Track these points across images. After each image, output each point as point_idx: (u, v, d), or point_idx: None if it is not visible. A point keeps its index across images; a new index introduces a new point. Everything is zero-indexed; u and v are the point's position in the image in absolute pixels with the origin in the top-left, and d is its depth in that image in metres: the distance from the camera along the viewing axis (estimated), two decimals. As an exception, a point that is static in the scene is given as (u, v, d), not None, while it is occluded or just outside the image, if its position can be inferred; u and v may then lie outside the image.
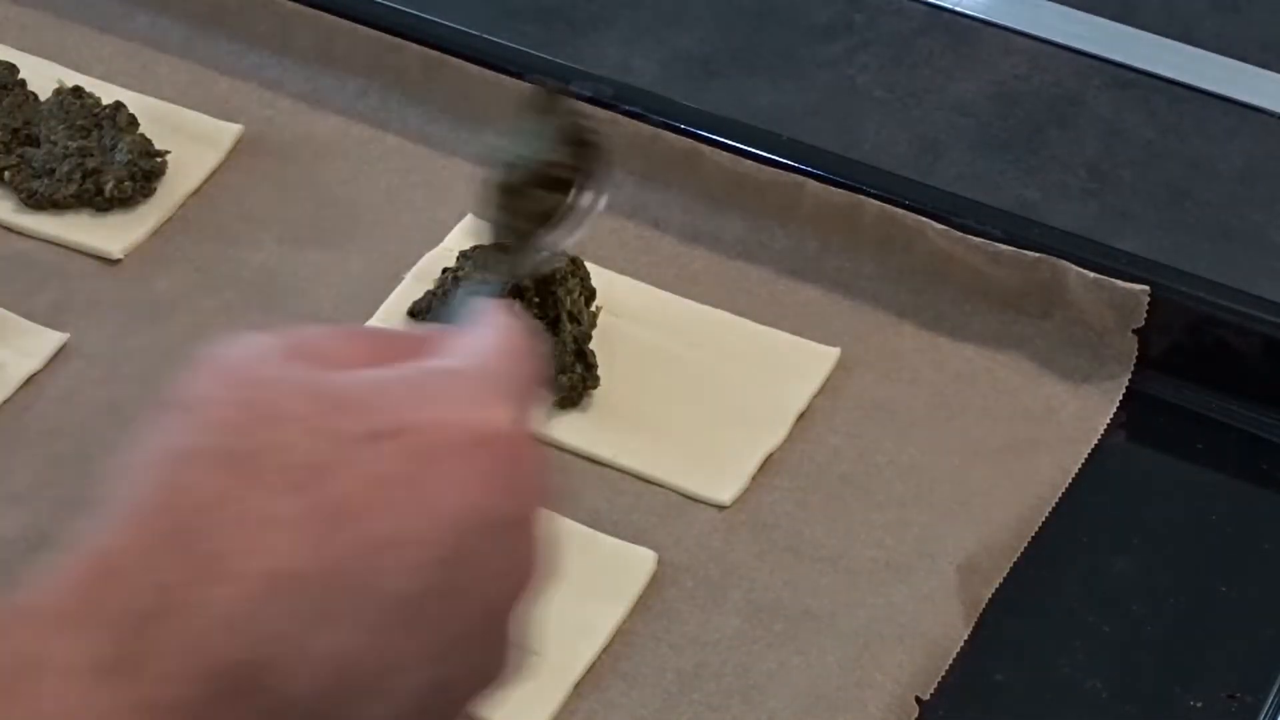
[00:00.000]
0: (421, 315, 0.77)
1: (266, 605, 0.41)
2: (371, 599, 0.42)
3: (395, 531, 0.43)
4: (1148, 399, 0.76)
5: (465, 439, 0.44)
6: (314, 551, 0.42)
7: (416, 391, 0.44)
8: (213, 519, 0.42)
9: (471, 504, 0.43)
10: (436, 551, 0.43)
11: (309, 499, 0.42)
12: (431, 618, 0.43)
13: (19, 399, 0.75)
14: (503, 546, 0.44)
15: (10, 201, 0.83)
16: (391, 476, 0.43)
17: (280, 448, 0.42)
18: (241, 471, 0.42)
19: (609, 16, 1.01)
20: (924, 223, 0.79)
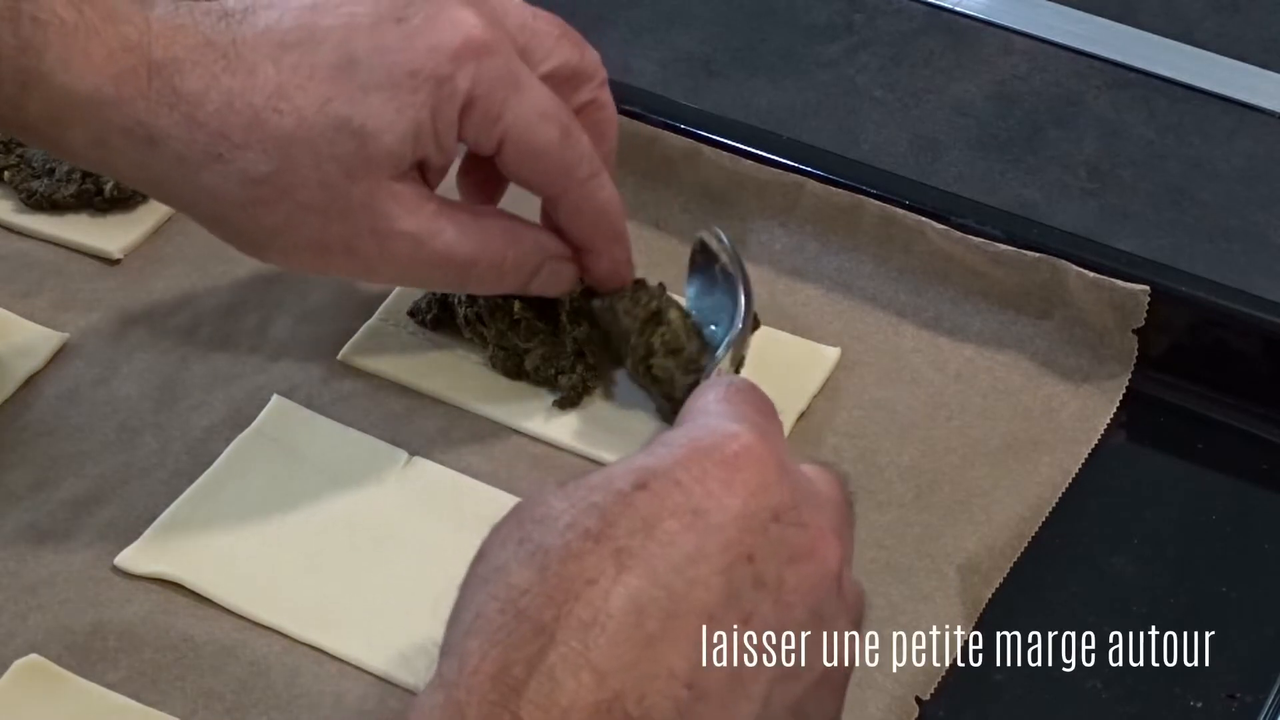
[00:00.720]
0: (421, 315, 0.77)
1: (614, 645, 0.47)
2: (691, 611, 0.48)
3: (693, 549, 0.48)
4: (1148, 399, 0.76)
5: (716, 458, 0.50)
6: (623, 591, 0.48)
7: (652, 452, 0.51)
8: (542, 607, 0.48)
9: (741, 506, 0.50)
10: (734, 553, 0.49)
11: (604, 549, 0.48)
12: (752, 614, 0.49)
13: (19, 399, 0.75)
14: (787, 533, 0.50)
15: (10, 201, 0.83)
16: (668, 510, 0.49)
17: (551, 531, 0.49)
18: (544, 564, 0.49)
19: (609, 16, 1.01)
20: (924, 223, 0.79)
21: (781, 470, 0.51)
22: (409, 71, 0.65)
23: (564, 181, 0.70)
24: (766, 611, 0.49)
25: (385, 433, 0.73)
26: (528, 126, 0.68)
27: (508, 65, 0.67)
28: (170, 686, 0.65)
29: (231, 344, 0.77)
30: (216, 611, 0.67)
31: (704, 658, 0.48)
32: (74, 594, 0.67)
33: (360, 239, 0.67)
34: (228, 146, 0.65)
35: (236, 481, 0.71)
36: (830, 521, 0.52)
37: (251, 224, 0.67)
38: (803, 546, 0.50)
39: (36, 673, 0.64)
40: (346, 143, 0.65)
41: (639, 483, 0.50)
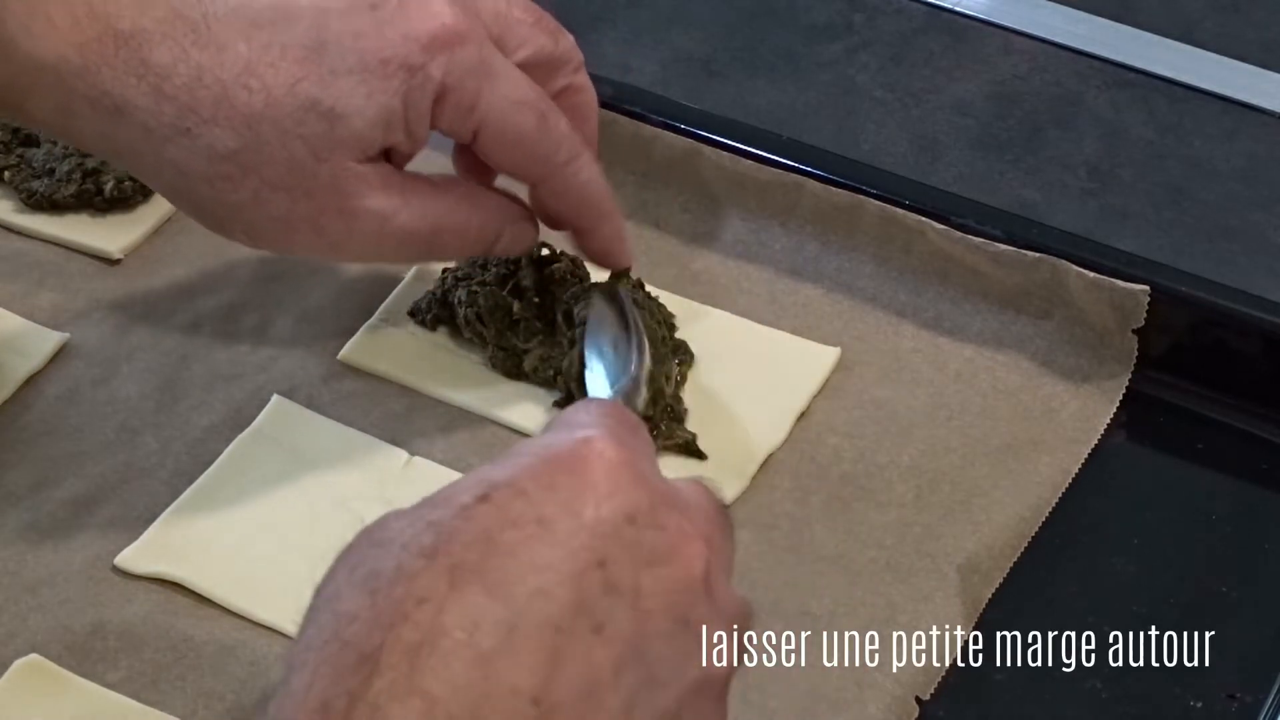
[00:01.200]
0: (421, 315, 0.77)
1: (444, 666, 0.45)
2: (534, 624, 0.46)
3: (535, 559, 0.46)
4: (1148, 399, 0.76)
5: (566, 464, 0.48)
6: (456, 608, 0.45)
7: (499, 462, 0.49)
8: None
9: (593, 512, 0.48)
10: (582, 560, 0.47)
11: (438, 566, 0.46)
12: (605, 622, 0.47)
13: (19, 399, 0.75)
14: (643, 536, 0.48)
15: (10, 201, 0.83)
16: (510, 520, 0.47)
17: (386, 554, 0.47)
18: (374, 588, 0.47)
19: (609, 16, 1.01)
20: (924, 223, 0.79)
21: (637, 475, 0.49)
22: (381, 59, 0.65)
23: (544, 167, 0.70)
24: (622, 618, 0.47)
25: (385, 433, 0.73)
26: (503, 115, 0.68)
27: (481, 54, 0.67)
28: (170, 686, 0.65)
29: (231, 344, 0.77)
30: (216, 611, 0.67)
31: (553, 671, 0.45)
32: (74, 594, 0.67)
33: (326, 217, 0.67)
34: (195, 121, 0.64)
35: (236, 481, 0.71)
36: (695, 526, 0.50)
37: (216, 199, 0.66)
38: (661, 549, 0.48)
39: (36, 673, 0.64)
40: (315, 124, 0.65)
41: (481, 495, 0.48)
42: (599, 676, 0.46)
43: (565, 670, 0.46)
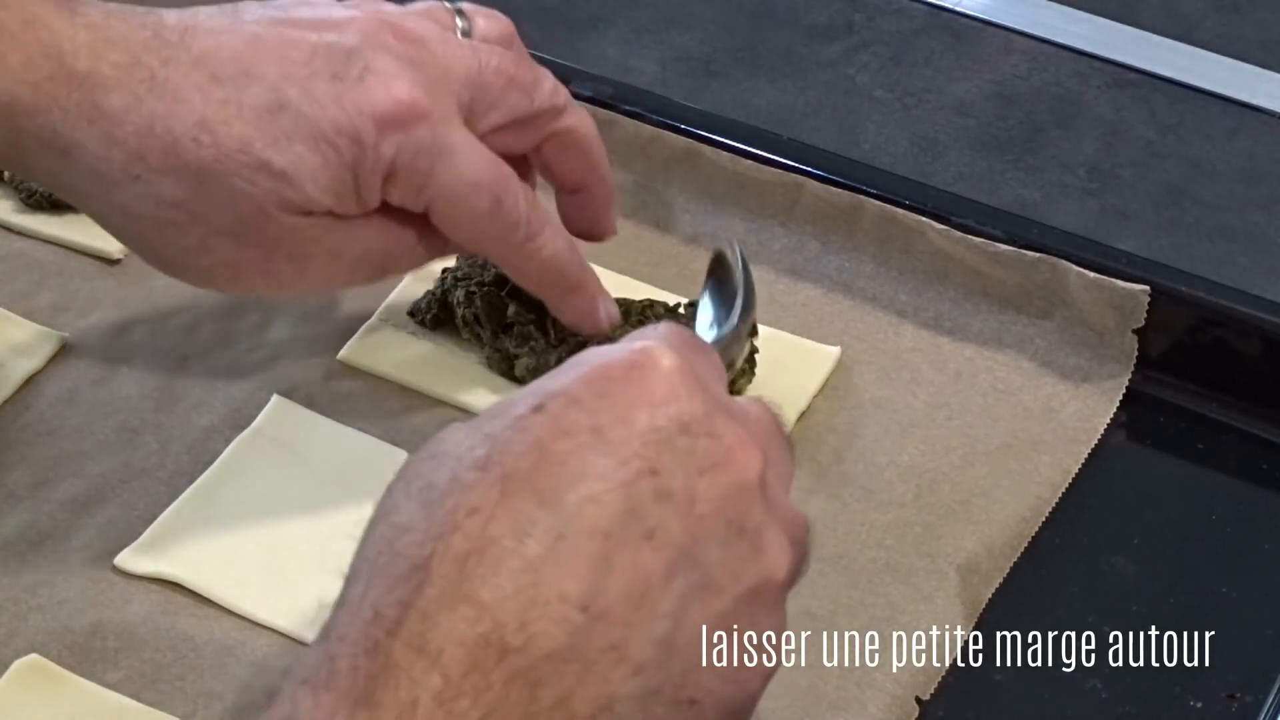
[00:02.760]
0: (421, 315, 0.77)
1: (493, 573, 0.45)
2: (583, 531, 0.46)
3: (586, 467, 0.47)
4: (1148, 399, 0.76)
5: (619, 373, 0.49)
6: (504, 516, 0.46)
7: (558, 373, 0.50)
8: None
9: (647, 419, 0.48)
10: (633, 468, 0.47)
11: (490, 476, 0.47)
12: (656, 529, 0.47)
13: (19, 399, 0.75)
14: (697, 444, 0.48)
15: (10, 201, 0.83)
16: (562, 429, 0.48)
17: (442, 466, 0.49)
18: (428, 499, 0.48)
19: (609, 16, 1.01)
20: (924, 223, 0.79)
21: (692, 382, 0.49)
22: (335, 129, 0.64)
23: (500, 247, 0.69)
24: (674, 524, 0.48)
25: (385, 433, 0.73)
26: (454, 197, 0.67)
27: (434, 134, 0.66)
28: (170, 686, 0.64)
29: (231, 344, 0.77)
30: (216, 611, 0.67)
31: (602, 577, 0.46)
32: (74, 594, 0.67)
33: (275, 263, 0.67)
34: (144, 168, 0.64)
35: (236, 481, 0.71)
36: (752, 434, 0.50)
37: (164, 243, 0.66)
38: (716, 456, 0.49)
39: (36, 673, 0.64)
40: (265, 183, 0.64)
41: (536, 405, 0.48)
42: (650, 581, 0.47)
43: (614, 576, 0.46)
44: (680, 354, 0.50)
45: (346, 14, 0.67)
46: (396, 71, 0.65)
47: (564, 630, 0.45)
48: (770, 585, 0.50)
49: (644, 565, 0.47)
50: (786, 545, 0.51)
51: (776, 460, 0.52)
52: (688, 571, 0.48)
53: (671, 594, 0.47)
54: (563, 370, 0.50)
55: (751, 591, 0.49)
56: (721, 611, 0.49)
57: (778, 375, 0.76)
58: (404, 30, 0.67)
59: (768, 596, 0.50)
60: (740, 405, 0.52)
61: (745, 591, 0.49)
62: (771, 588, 0.50)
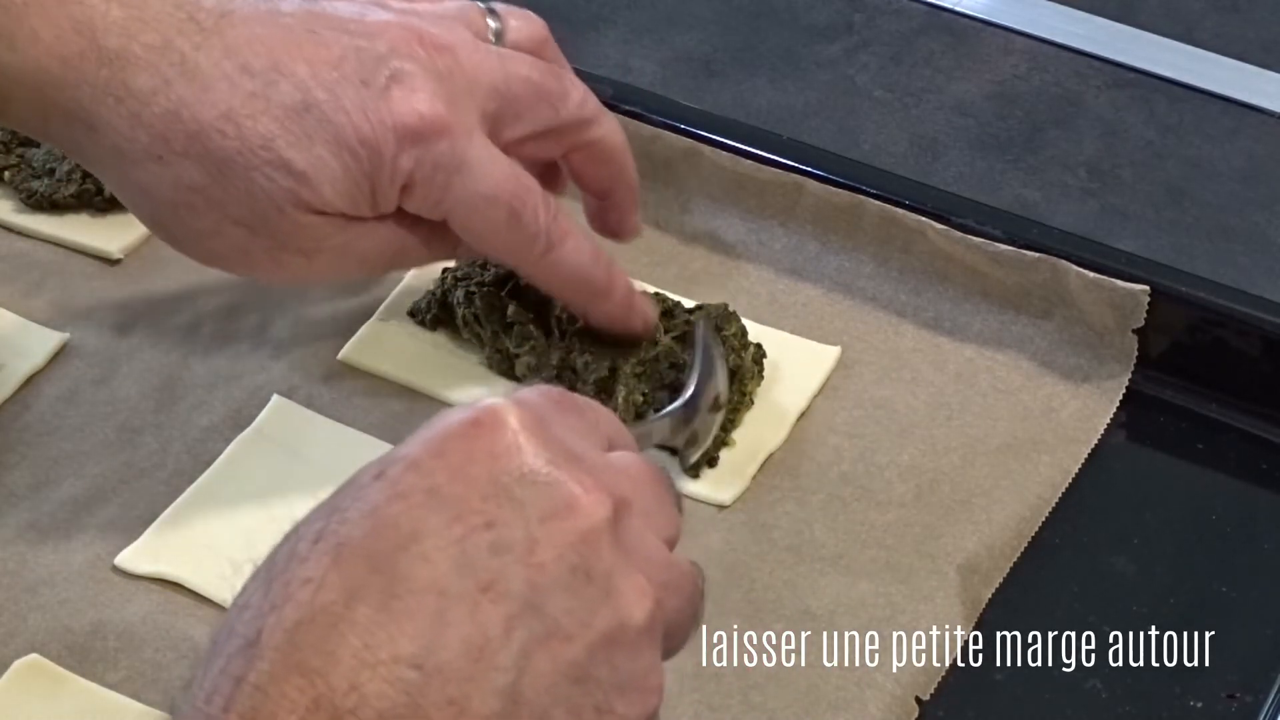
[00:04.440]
0: (421, 315, 0.77)
1: (323, 640, 0.45)
2: (415, 591, 0.46)
3: (418, 527, 0.47)
4: (1148, 399, 0.76)
5: (456, 432, 0.48)
6: (335, 582, 0.46)
7: (407, 441, 0.49)
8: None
9: (483, 473, 0.48)
10: (467, 524, 0.47)
11: (324, 546, 0.47)
12: (493, 581, 0.47)
13: (19, 399, 0.75)
14: (536, 492, 0.48)
15: (10, 201, 0.83)
16: (399, 493, 0.47)
17: (285, 543, 0.49)
18: (268, 576, 0.48)
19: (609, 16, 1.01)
20: (924, 223, 0.79)
21: (537, 436, 0.49)
22: (358, 137, 0.65)
23: (518, 258, 0.70)
24: (513, 575, 0.47)
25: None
26: (470, 210, 0.67)
27: (454, 149, 0.66)
28: (170, 686, 0.64)
29: (231, 344, 0.77)
30: (216, 611, 0.67)
31: (436, 635, 0.46)
32: (74, 594, 0.67)
33: (286, 254, 0.67)
34: (167, 151, 0.65)
35: (236, 481, 0.71)
36: (604, 482, 0.49)
37: (178, 223, 0.67)
38: (557, 502, 0.48)
39: (36, 673, 0.64)
40: (284, 180, 0.65)
41: (377, 473, 0.48)
42: (488, 634, 0.46)
43: (450, 631, 0.46)
44: (528, 411, 0.49)
45: (381, 17, 0.67)
46: (422, 83, 0.66)
47: (397, 690, 0.45)
48: (626, 629, 0.49)
49: (481, 618, 0.46)
50: (644, 587, 0.49)
51: (644, 508, 0.51)
52: (530, 622, 0.47)
53: (512, 645, 0.47)
54: (412, 436, 0.49)
55: (605, 637, 0.48)
56: (573, 659, 0.48)
57: (778, 375, 0.76)
58: (434, 39, 0.67)
59: (625, 641, 0.49)
60: (606, 458, 0.51)
61: (597, 638, 0.48)
62: (628, 632, 0.49)
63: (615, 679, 0.48)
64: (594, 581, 0.48)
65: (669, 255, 0.82)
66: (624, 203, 0.75)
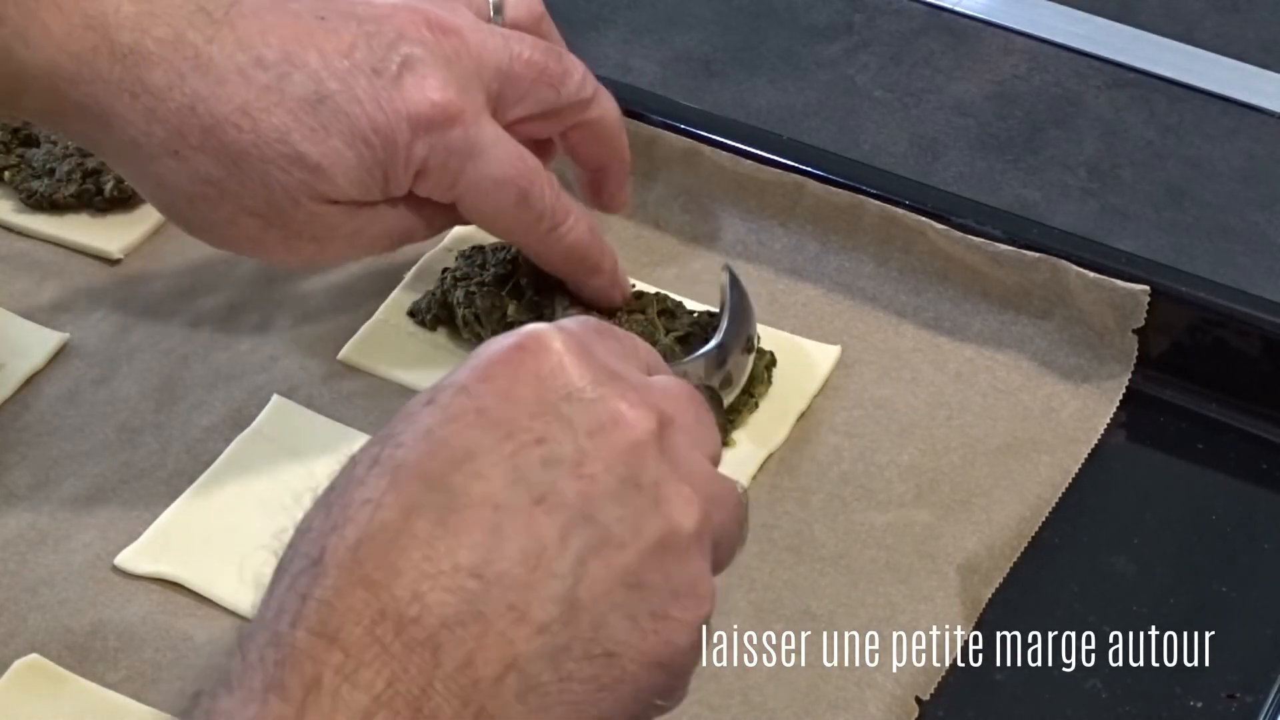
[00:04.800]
0: (421, 315, 0.78)
1: (384, 554, 0.47)
2: (471, 504, 0.48)
3: (470, 445, 0.48)
4: (1148, 399, 0.76)
5: (501, 357, 0.50)
6: (393, 500, 0.48)
7: (452, 369, 0.51)
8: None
9: (531, 393, 0.49)
10: (518, 441, 0.49)
11: (380, 469, 0.49)
12: (546, 494, 0.48)
13: (19, 399, 0.75)
14: (583, 408, 0.50)
15: (10, 201, 0.83)
16: (450, 416, 0.49)
17: (344, 471, 0.51)
18: (329, 500, 0.50)
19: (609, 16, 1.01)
20: (924, 223, 0.79)
21: (580, 356, 0.50)
22: (372, 127, 0.66)
23: (525, 236, 0.72)
24: (565, 487, 0.48)
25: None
26: (481, 194, 0.69)
27: (466, 135, 0.68)
28: (170, 686, 0.64)
29: (231, 344, 0.77)
30: (216, 611, 0.67)
31: (493, 545, 0.47)
32: (74, 594, 0.67)
33: (299, 241, 0.69)
34: (183, 146, 0.66)
35: (236, 481, 0.71)
36: (647, 398, 0.51)
37: (194, 213, 0.68)
38: (603, 417, 0.50)
39: (36, 673, 0.64)
40: (298, 173, 0.66)
41: (428, 400, 0.50)
42: (544, 544, 0.48)
43: (507, 543, 0.47)
44: (571, 335, 0.51)
45: (388, 1, 0.68)
46: (432, 69, 0.67)
47: (459, 598, 0.47)
48: (676, 536, 0.50)
49: (537, 529, 0.48)
50: (691, 497, 0.51)
51: (687, 425, 0.53)
52: (584, 530, 0.48)
53: (568, 553, 0.48)
54: (459, 364, 0.51)
55: (656, 544, 0.50)
56: (626, 566, 0.49)
57: (778, 375, 0.76)
58: (440, 22, 0.68)
59: (676, 548, 0.50)
60: (645, 379, 0.53)
61: (649, 545, 0.50)
62: (679, 539, 0.50)
63: (668, 585, 0.50)
64: (643, 491, 0.50)
65: (669, 255, 0.82)
66: (617, 176, 0.77)
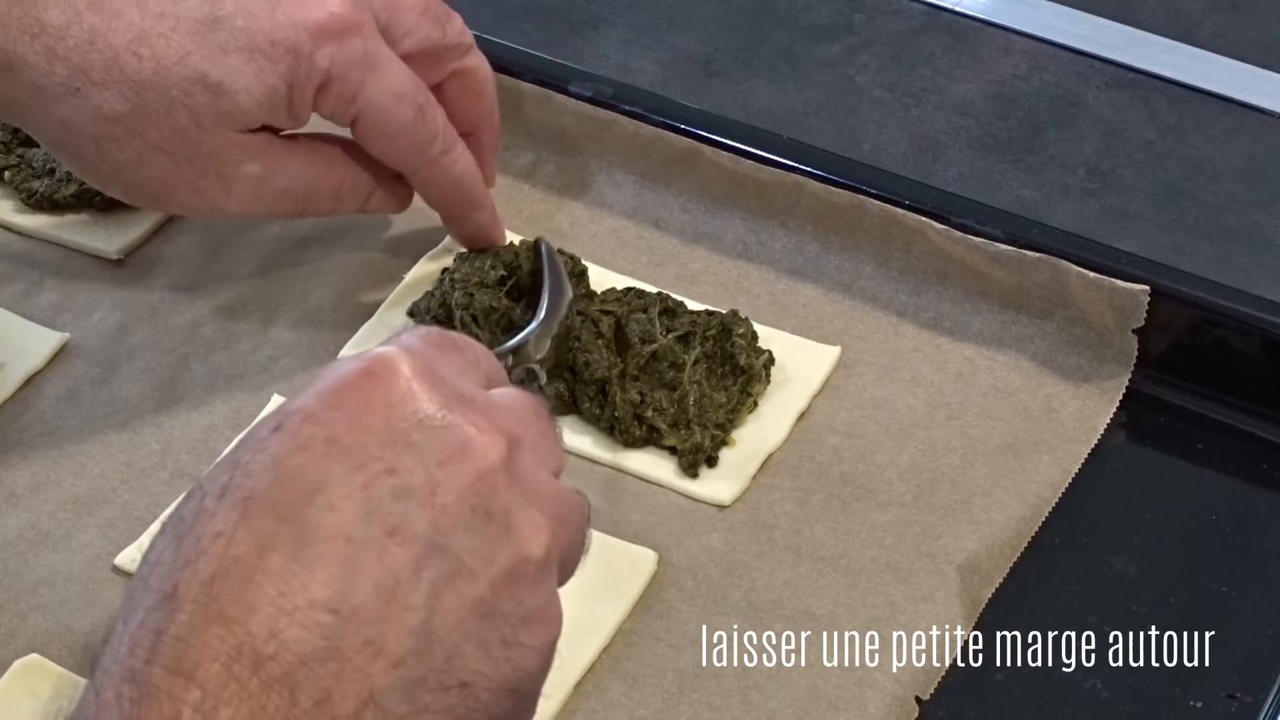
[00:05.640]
0: (421, 315, 0.78)
1: (240, 590, 0.46)
2: (324, 538, 0.47)
3: (321, 476, 0.48)
4: (1148, 399, 0.76)
5: (350, 382, 0.50)
6: (246, 535, 0.47)
7: (300, 392, 0.51)
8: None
9: (381, 422, 0.49)
10: (370, 471, 0.48)
11: (231, 500, 0.48)
12: (399, 525, 0.48)
13: (19, 399, 0.75)
14: (434, 435, 0.49)
15: (10, 201, 0.83)
16: (299, 444, 0.48)
17: (191, 499, 0.49)
18: (178, 532, 0.49)
19: (609, 16, 1.01)
20: (924, 223, 0.79)
21: (429, 380, 0.50)
22: (271, 40, 0.67)
23: (418, 159, 0.73)
24: (417, 517, 0.48)
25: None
26: (381, 107, 0.70)
27: (366, 46, 0.69)
28: (170, 686, 0.64)
29: (231, 344, 0.77)
30: (216, 611, 0.67)
31: (348, 579, 0.47)
32: (74, 594, 0.67)
33: (205, 180, 0.69)
34: (85, 82, 0.66)
35: (236, 481, 0.71)
36: (494, 421, 0.51)
37: (100, 157, 0.69)
38: (454, 445, 0.50)
39: (36, 673, 0.64)
40: (201, 96, 0.67)
41: (275, 425, 0.49)
42: (398, 576, 0.48)
43: (362, 576, 0.47)
44: (418, 357, 0.51)
45: None
46: None
47: (315, 634, 0.46)
48: (527, 564, 0.50)
49: (391, 561, 0.48)
50: (541, 522, 0.51)
51: (532, 443, 0.53)
52: (437, 561, 0.48)
53: (422, 585, 0.48)
54: (306, 387, 0.51)
55: (508, 573, 0.50)
56: (478, 595, 0.49)
57: (778, 375, 0.76)
58: None
59: (526, 575, 0.50)
60: (490, 396, 0.53)
61: (500, 573, 0.50)
62: (529, 566, 0.50)
63: (519, 612, 0.50)
64: (494, 520, 0.50)
65: (669, 255, 0.82)
66: (486, 145, 0.78)
